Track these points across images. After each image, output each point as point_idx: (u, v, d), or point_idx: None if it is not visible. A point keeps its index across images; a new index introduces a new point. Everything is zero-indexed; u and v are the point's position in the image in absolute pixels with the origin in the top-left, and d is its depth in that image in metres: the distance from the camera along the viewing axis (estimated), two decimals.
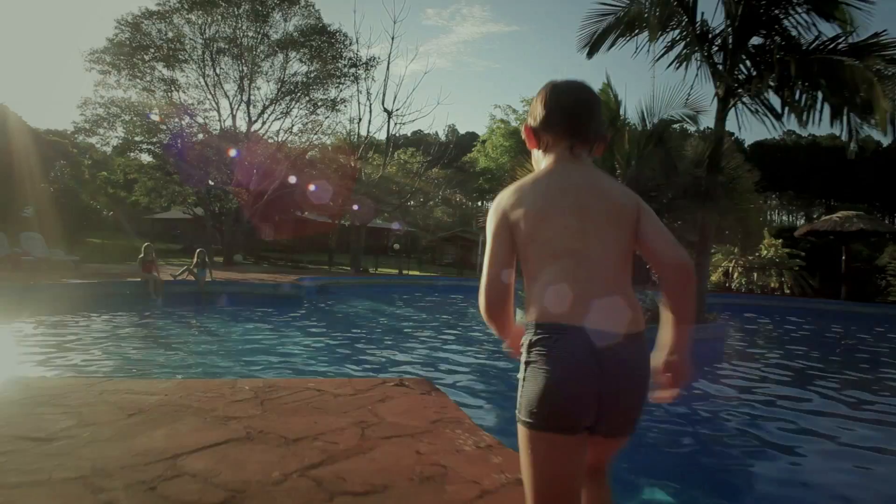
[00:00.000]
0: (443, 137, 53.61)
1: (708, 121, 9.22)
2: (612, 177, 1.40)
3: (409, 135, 29.80)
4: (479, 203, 63.30)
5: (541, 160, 1.36)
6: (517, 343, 1.27)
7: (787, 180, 54.14)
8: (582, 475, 1.21)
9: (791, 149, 58.42)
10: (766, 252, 20.18)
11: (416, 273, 23.35)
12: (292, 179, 22.38)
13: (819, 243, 20.33)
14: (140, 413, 2.68)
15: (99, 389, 3.03)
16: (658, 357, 1.25)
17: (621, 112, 9.71)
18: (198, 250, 12.05)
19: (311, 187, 23.03)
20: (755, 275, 21.23)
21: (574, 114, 1.31)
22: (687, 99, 8.75)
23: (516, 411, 1.21)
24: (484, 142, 34.95)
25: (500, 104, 41.36)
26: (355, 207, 24.42)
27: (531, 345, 1.19)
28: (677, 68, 9.20)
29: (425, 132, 42.61)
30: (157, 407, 2.79)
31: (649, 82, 13.65)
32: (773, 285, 20.66)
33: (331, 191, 23.64)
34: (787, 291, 19.73)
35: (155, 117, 20.80)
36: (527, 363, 1.19)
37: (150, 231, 33.80)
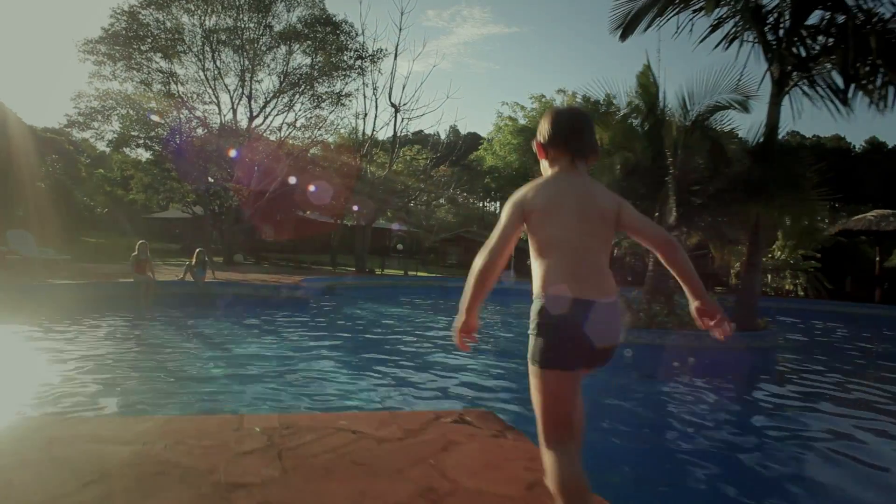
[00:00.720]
0: (444, 138, 52.37)
1: (759, 107, 8.37)
2: (599, 183, 1.70)
3: (410, 135, 28.87)
4: (482, 204, 62.22)
5: (548, 168, 1.71)
6: (469, 325, 1.64)
7: None
8: (577, 398, 1.60)
9: (795, 149, 57.57)
10: (779, 253, 19.21)
11: (424, 274, 22.45)
12: (294, 180, 21.53)
13: (845, 244, 19.39)
14: (102, 479, 1.80)
15: (48, 436, 2.15)
16: (691, 309, 1.61)
17: (660, 98, 8.86)
18: (197, 250, 11.19)
19: (314, 186, 22.19)
20: (769, 276, 20.33)
21: (574, 136, 1.66)
22: (739, 81, 7.89)
23: (529, 356, 1.56)
24: (490, 140, 34.08)
25: (508, 101, 40.30)
26: (355, 208, 23.59)
27: (540, 310, 1.53)
28: (726, 48, 8.36)
29: (426, 132, 41.44)
30: (129, 466, 1.91)
31: (679, 69, 12.80)
32: (787, 287, 19.74)
33: (334, 190, 22.82)
34: (801, 294, 18.79)
35: (153, 113, 19.93)
36: (537, 324, 1.53)
37: (148, 230, 32.88)
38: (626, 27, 9.48)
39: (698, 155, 8.48)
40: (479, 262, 1.59)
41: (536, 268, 1.57)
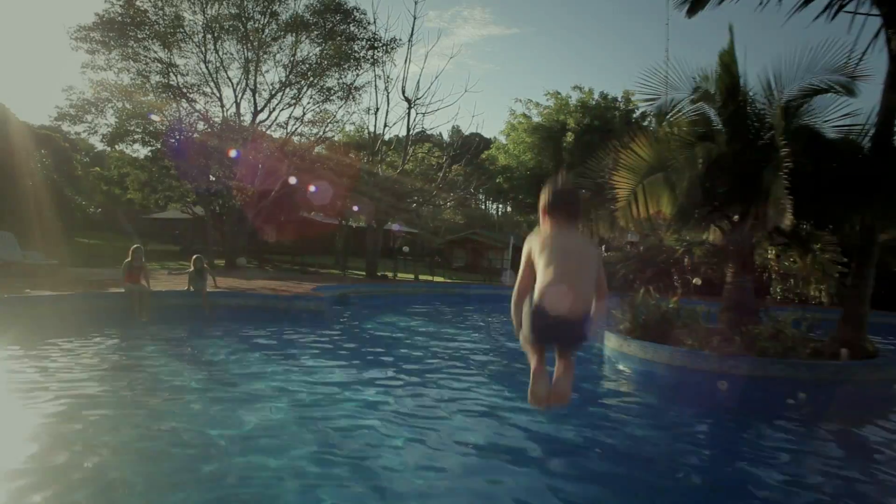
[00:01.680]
0: (447, 139, 50.74)
1: (869, 91, 7.10)
2: (587, 238, 3.02)
3: (422, 131, 27.34)
4: (484, 205, 60.62)
5: (548, 226, 2.30)
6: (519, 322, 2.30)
7: None
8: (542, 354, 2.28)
9: None
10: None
11: (441, 280, 21.14)
12: (296, 180, 20.30)
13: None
14: None
15: None
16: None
17: (742, 82, 7.55)
18: (194, 256, 9.86)
19: (321, 187, 20.97)
20: (792, 281, 18.99)
21: (568, 207, 2.28)
22: (849, 57, 6.59)
23: (520, 333, 2.27)
24: (503, 138, 32.77)
25: (522, 98, 38.57)
26: (355, 208, 22.35)
27: (531, 311, 2.17)
28: (830, 19, 7.07)
29: (429, 132, 39.65)
30: None
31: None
32: (812, 293, 18.35)
33: (341, 190, 21.61)
34: (825, 301, 17.35)
35: (151, 106, 18.64)
36: (527, 316, 2.21)
37: (147, 231, 31.63)
38: (696, 1, 8.20)
39: (789, 147, 7.19)
40: (514, 295, 2.28)
41: (537, 287, 2.20)
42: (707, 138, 7.29)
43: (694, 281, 7.87)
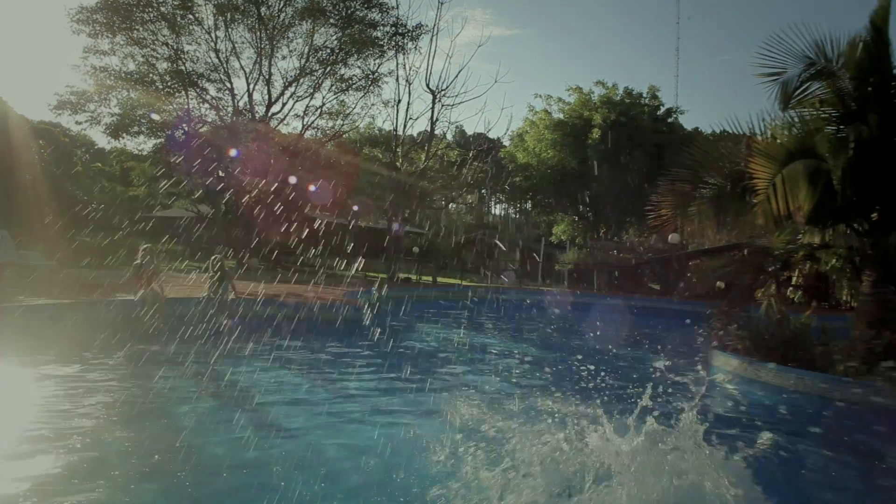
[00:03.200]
0: (450, 138, 49.08)
1: None
2: None
3: (415, 136, 25.23)
4: (495, 206, 59.25)
5: None
6: None
7: None
8: None
9: None
10: (833, 260, 16.38)
11: (468, 283, 19.82)
12: (308, 178, 19.02)
13: None
14: None
15: None
16: None
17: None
18: (213, 257, 8.53)
19: (333, 184, 19.71)
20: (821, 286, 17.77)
21: None
22: None
23: None
24: (521, 135, 31.33)
25: (541, 94, 36.78)
26: (355, 208, 21.15)
27: None
28: None
29: (437, 132, 37.50)
30: None
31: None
32: (843, 298, 17.18)
33: (355, 188, 20.39)
34: (854, 305, 16.09)
35: (158, 98, 17.31)
36: None
37: (151, 229, 30.19)
38: None
39: None
40: None
41: None
42: (857, 118, 5.96)
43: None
